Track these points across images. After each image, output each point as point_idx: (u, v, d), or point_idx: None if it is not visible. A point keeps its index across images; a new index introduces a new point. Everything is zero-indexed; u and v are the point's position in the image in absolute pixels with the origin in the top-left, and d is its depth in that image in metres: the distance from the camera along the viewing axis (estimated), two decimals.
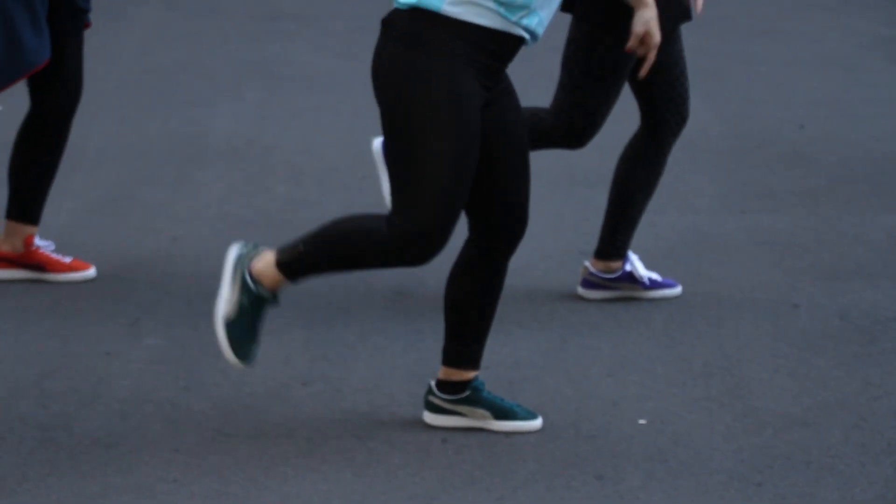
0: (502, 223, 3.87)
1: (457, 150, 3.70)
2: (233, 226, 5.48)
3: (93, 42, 7.72)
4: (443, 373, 4.02)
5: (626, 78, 4.62)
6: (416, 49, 3.70)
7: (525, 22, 3.74)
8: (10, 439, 3.94)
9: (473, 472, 3.81)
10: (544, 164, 5.83)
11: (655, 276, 4.88)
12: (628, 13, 4.48)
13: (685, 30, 7.99)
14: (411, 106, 3.70)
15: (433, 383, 4.03)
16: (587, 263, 4.87)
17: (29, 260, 4.98)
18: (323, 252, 3.79)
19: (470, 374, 4.01)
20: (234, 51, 7.67)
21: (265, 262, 3.85)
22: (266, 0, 8.44)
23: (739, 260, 5.20)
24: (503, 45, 3.75)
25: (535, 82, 6.86)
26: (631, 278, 4.84)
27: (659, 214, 5.61)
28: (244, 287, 3.83)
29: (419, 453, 3.90)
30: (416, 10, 3.72)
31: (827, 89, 7.11)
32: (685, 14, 4.70)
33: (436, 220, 3.70)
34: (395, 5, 3.78)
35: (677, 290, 4.89)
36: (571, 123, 4.63)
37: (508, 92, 3.86)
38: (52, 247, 5.03)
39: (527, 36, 3.78)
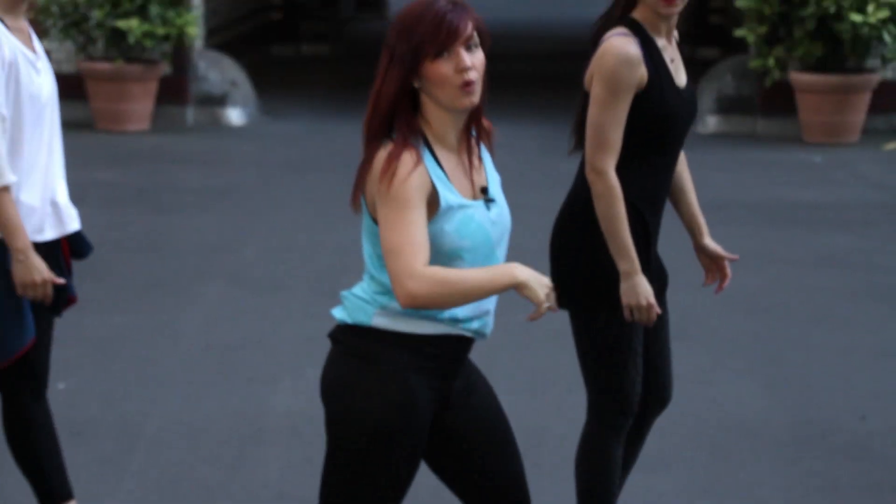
0: None
1: (399, 470, 3.62)
2: None
3: (157, 319, 7.83)
4: None
5: (638, 347, 4.51)
6: (362, 364, 3.61)
7: (465, 326, 3.62)
8: None
9: None
10: None
11: None
12: (609, 284, 4.37)
13: (743, 315, 7.99)
14: (358, 423, 3.60)
15: None
16: None
17: None
18: None
19: None
20: (297, 327, 7.73)
21: None
22: (329, 276, 8.55)
23: None
24: (446, 348, 3.62)
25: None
26: None
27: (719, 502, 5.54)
28: None
29: None
30: (349, 327, 3.66)
31: (886, 380, 7.06)
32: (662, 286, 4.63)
33: None
34: (336, 321, 3.72)
35: None
36: (612, 408, 4.53)
37: (475, 388, 3.73)
38: None
39: (472, 335, 3.65)
